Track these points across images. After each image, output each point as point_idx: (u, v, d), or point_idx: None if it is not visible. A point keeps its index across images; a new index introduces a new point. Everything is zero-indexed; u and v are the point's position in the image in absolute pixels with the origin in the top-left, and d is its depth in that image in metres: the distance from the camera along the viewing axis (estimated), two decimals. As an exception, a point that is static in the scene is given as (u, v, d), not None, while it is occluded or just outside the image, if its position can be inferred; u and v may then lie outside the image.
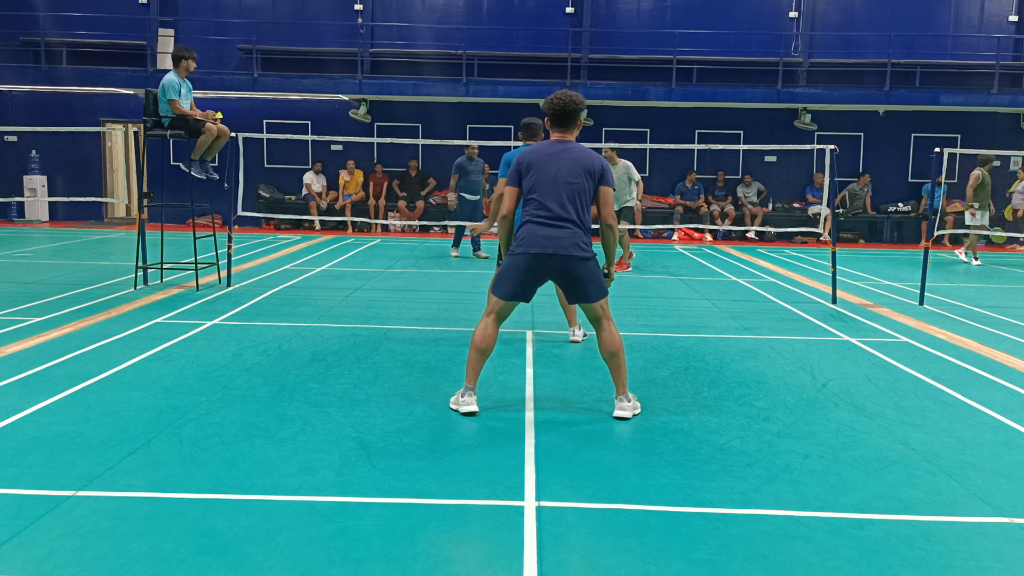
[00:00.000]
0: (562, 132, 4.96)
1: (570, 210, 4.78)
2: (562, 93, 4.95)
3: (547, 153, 4.88)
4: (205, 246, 11.36)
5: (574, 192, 4.80)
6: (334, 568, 3.01)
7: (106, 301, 8.45)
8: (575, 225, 4.79)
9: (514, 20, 19.58)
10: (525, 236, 4.83)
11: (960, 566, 3.14)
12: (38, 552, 3.08)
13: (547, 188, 4.80)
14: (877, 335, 7.56)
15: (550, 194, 4.79)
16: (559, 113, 4.92)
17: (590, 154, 4.91)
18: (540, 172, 4.83)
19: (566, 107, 4.91)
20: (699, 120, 19.30)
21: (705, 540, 3.30)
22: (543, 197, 4.81)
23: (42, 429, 4.46)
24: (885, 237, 19.02)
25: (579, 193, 4.81)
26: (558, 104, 4.91)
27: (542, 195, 4.81)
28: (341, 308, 8.47)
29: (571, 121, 4.95)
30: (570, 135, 4.98)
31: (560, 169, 4.81)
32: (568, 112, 4.92)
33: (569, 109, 4.91)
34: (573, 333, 7.07)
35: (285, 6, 19.61)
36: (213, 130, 9.14)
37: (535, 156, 4.89)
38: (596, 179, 4.85)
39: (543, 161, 4.85)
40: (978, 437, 4.67)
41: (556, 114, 4.93)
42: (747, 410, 5.11)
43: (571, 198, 4.79)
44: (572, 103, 4.91)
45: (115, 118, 19.41)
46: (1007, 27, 19.38)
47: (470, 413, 4.85)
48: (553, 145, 4.93)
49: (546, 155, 4.87)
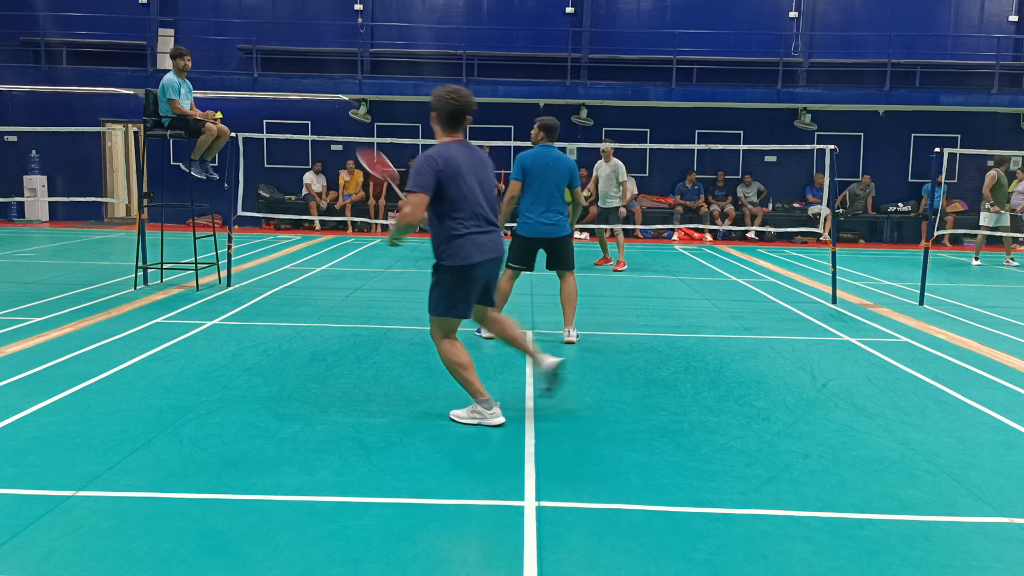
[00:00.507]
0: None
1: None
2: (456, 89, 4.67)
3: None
4: (205, 246, 11.37)
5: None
6: (334, 568, 3.01)
7: (106, 301, 8.45)
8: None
9: (514, 20, 19.57)
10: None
11: (960, 566, 3.14)
12: (38, 552, 3.08)
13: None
14: (877, 335, 7.56)
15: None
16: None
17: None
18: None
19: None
20: (699, 120, 19.30)
21: (705, 540, 3.30)
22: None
23: (42, 429, 4.46)
24: (885, 237, 19.02)
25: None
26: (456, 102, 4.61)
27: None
28: (341, 308, 8.47)
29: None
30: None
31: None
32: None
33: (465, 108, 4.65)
34: (568, 333, 7.08)
35: (285, 6, 19.61)
36: (213, 130, 9.14)
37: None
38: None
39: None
40: (978, 437, 4.67)
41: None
42: (747, 410, 5.11)
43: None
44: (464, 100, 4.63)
45: (115, 118, 19.41)
46: (1007, 27, 19.38)
47: (500, 424, 4.68)
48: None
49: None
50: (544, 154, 6.94)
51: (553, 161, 6.91)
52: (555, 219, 6.94)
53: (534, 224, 6.93)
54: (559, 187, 6.92)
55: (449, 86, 4.69)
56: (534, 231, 6.94)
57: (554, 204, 6.91)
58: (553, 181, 6.88)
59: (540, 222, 6.91)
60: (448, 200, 4.56)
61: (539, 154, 6.95)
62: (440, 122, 4.70)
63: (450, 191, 4.56)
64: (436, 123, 4.72)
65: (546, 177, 6.87)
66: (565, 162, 6.98)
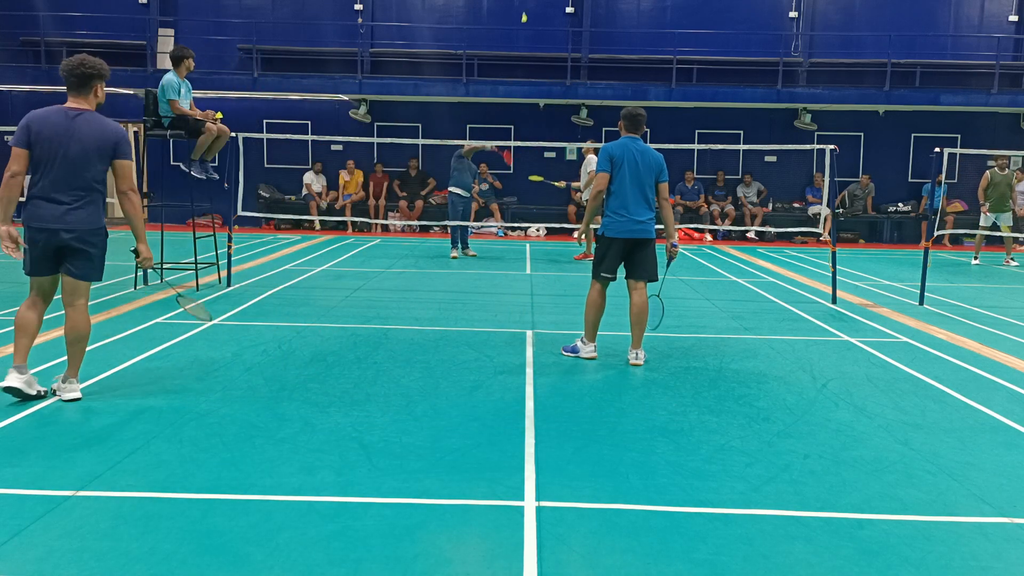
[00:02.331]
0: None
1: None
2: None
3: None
4: (205, 246, 11.36)
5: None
6: (334, 568, 3.01)
7: (106, 301, 8.45)
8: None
9: (514, 20, 19.57)
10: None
11: (960, 566, 3.14)
12: (38, 552, 3.08)
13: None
14: (877, 335, 7.56)
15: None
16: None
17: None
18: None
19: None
20: (699, 120, 19.30)
21: (705, 540, 3.30)
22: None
23: (42, 429, 4.46)
24: (885, 237, 19.02)
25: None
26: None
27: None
28: (341, 308, 8.47)
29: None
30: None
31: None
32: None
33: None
34: (635, 356, 6.29)
35: (285, 6, 19.61)
36: (213, 130, 9.14)
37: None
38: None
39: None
40: (978, 437, 4.67)
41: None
42: (747, 410, 5.11)
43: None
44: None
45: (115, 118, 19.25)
46: (1007, 27, 19.37)
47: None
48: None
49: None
50: (630, 146, 6.29)
51: (639, 154, 6.28)
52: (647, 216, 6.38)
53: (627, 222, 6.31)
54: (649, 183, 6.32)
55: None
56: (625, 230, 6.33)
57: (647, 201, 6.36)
58: (643, 175, 6.28)
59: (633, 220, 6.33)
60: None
61: (625, 145, 6.30)
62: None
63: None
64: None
65: (637, 170, 6.25)
66: (653, 155, 6.35)
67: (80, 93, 5.03)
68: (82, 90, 5.02)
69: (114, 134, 5.04)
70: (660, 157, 6.38)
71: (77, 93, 5.03)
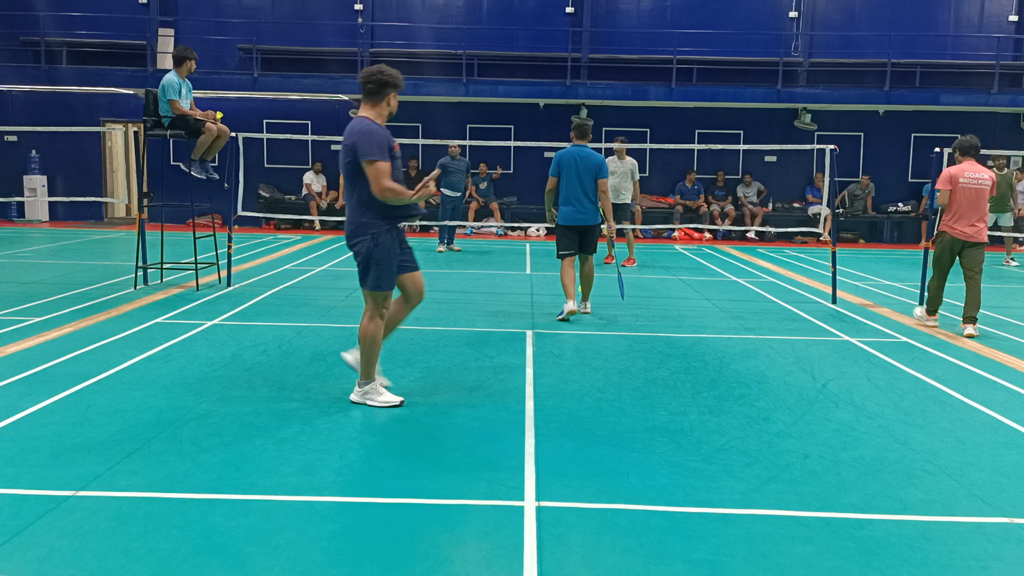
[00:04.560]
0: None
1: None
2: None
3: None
4: (205, 246, 11.36)
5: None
6: (334, 568, 3.01)
7: (106, 301, 8.45)
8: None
9: (514, 20, 19.57)
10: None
11: (960, 566, 3.15)
12: (38, 552, 3.08)
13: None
14: (877, 335, 7.56)
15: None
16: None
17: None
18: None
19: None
20: (699, 120, 19.29)
21: (705, 540, 3.30)
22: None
23: (42, 429, 4.46)
24: (885, 237, 19.01)
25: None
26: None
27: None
28: (341, 308, 8.47)
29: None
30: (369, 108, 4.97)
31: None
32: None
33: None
34: (584, 307, 8.32)
35: (285, 6, 19.60)
36: (213, 130, 9.13)
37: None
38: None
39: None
40: (978, 437, 4.67)
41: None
42: (747, 410, 5.11)
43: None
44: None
45: (115, 118, 19.41)
46: (1007, 27, 19.37)
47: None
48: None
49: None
50: (574, 153, 8.04)
51: (581, 159, 8.00)
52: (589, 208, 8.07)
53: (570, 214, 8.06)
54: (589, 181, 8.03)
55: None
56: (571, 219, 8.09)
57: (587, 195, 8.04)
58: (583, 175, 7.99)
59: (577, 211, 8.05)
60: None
61: (570, 153, 8.06)
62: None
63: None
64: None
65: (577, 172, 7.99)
66: (593, 159, 8.04)
67: (371, 101, 4.94)
68: (374, 98, 4.92)
69: (351, 134, 4.84)
70: (600, 159, 8.06)
71: (367, 100, 4.94)
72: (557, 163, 8.08)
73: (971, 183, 7.80)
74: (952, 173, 7.90)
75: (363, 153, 4.73)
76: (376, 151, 4.73)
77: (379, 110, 4.95)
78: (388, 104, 4.97)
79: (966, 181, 7.81)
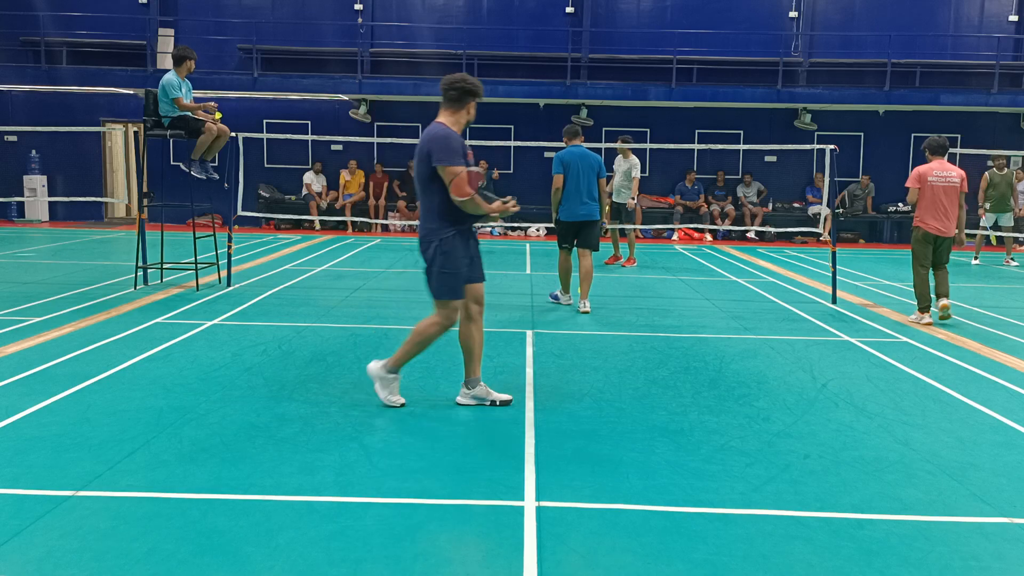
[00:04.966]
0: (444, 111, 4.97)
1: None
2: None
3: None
4: (205, 246, 11.36)
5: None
6: (334, 568, 3.01)
7: (106, 301, 8.45)
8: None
9: (514, 20, 19.56)
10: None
11: (960, 566, 3.14)
12: (38, 552, 3.08)
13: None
14: (877, 335, 7.56)
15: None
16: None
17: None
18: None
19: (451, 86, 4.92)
20: (699, 120, 19.29)
21: (705, 540, 3.30)
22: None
23: (42, 429, 4.46)
24: (885, 237, 19.01)
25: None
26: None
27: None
28: (341, 308, 8.47)
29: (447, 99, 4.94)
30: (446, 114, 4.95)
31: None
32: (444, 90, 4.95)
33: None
34: (584, 305, 8.46)
35: (285, 6, 19.60)
36: (213, 130, 9.13)
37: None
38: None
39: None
40: (978, 437, 4.67)
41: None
42: (747, 410, 5.11)
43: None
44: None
45: (115, 118, 19.41)
46: (1007, 27, 19.37)
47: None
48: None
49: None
50: (574, 152, 8.51)
51: (581, 158, 8.48)
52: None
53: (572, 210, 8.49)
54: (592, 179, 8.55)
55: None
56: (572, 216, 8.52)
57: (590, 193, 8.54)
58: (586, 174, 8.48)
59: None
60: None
61: (571, 152, 8.51)
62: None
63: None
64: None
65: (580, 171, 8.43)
66: (592, 158, 8.57)
67: (451, 108, 4.92)
68: (455, 105, 4.91)
69: (427, 141, 4.81)
70: (598, 158, 8.59)
71: (448, 107, 4.93)
72: (560, 161, 8.41)
73: (939, 181, 8.25)
74: (921, 172, 8.36)
75: (439, 159, 4.71)
76: (454, 157, 4.72)
77: (458, 117, 4.93)
78: (468, 112, 4.96)
79: (935, 179, 8.26)
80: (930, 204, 8.25)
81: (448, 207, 4.81)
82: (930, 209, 8.26)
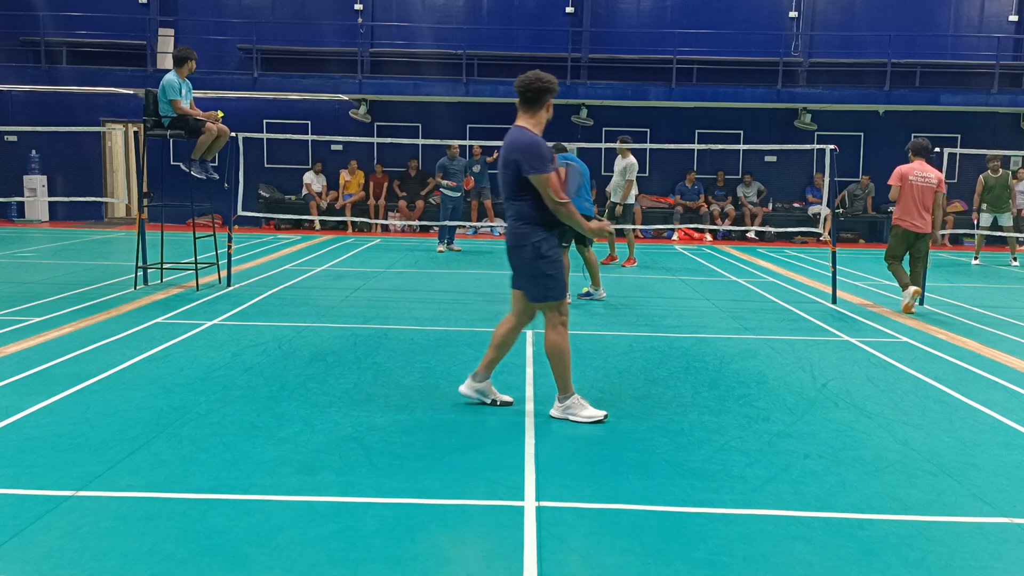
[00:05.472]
0: (521, 111, 4.89)
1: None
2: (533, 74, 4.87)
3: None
4: (205, 246, 11.36)
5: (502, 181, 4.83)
6: (334, 568, 3.01)
7: (106, 301, 8.45)
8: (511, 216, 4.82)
9: (514, 20, 19.56)
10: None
11: (960, 566, 3.14)
12: (38, 552, 3.08)
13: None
14: (877, 335, 7.56)
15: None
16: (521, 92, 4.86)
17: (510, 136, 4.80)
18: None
19: (528, 86, 4.82)
20: (699, 120, 19.29)
21: (705, 540, 3.30)
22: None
23: (42, 429, 4.46)
24: (885, 237, 18.92)
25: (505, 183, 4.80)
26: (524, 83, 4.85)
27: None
28: (341, 308, 8.47)
29: (526, 102, 4.85)
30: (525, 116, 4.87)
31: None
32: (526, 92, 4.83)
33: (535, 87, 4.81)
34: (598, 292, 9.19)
35: (285, 6, 19.60)
36: (213, 130, 9.13)
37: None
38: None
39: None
40: (978, 437, 4.67)
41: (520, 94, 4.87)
42: (747, 410, 5.11)
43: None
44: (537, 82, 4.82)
45: (115, 118, 19.41)
46: (1007, 27, 19.37)
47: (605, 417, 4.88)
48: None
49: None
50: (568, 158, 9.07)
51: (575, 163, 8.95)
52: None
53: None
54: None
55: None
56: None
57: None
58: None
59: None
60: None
61: (564, 158, 8.97)
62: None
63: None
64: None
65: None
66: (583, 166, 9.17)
67: (530, 109, 4.82)
68: (534, 107, 4.81)
69: (512, 149, 4.70)
70: (586, 167, 9.28)
71: (526, 109, 4.84)
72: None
73: (919, 180, 8.86)
74: (903, 171, 8.99)
75: (530, 168, 4.60)
76: (544, 164, 4.62)
77: (538, 118, 4.86)
78: (547, 111, 4.88)
79: (915, 179, 8.87)
80: (909, 202, 8.85)
81: (540, 211, 4.70)
82: (909, 207, 8.85)
